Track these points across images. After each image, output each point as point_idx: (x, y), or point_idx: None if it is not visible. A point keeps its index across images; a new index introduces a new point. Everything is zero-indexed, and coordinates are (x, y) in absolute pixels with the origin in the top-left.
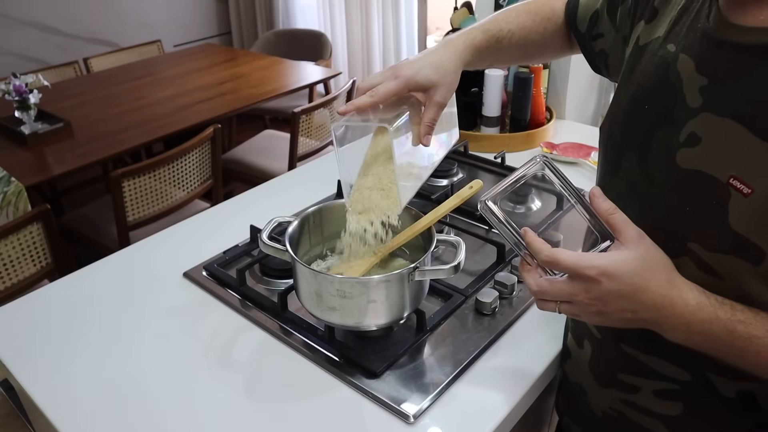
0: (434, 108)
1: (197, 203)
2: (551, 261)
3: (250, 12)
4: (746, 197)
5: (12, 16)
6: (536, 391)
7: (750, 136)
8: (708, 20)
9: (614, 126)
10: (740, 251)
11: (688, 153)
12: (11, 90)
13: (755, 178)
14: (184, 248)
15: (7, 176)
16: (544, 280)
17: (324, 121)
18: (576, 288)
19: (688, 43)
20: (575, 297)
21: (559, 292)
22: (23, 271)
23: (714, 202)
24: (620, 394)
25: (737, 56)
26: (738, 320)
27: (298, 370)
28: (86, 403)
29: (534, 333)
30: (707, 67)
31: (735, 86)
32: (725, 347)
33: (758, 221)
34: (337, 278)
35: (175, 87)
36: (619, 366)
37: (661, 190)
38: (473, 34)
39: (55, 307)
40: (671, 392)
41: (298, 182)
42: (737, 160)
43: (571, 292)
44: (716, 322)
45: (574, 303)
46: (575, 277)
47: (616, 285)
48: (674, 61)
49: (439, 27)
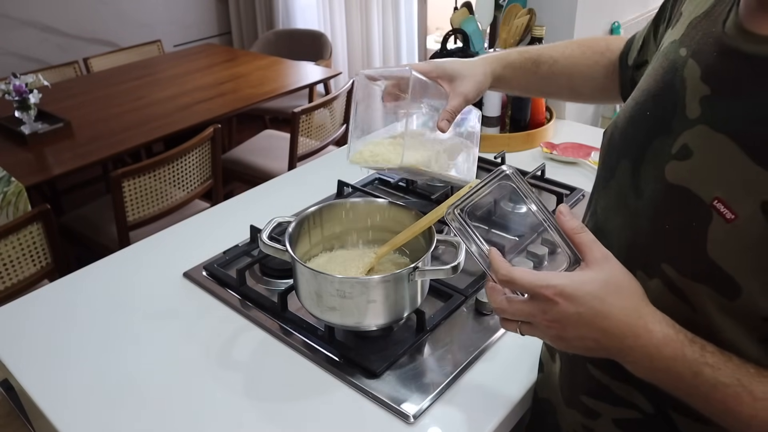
0: (458, 98)
1: (197, 203)
2: (508, 279)
3: (250, 12)
4: (728, 223)
5: (12, 16)
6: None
7: (742, 156)
8: (723, 26)
9: (615, 131)
10: (714, 282)
11: (677, 166)
12: (11, 90)
13: (741, 203)
14: (184, 248)
15: (7, 176)
16: (504, 298)
17: (324, 121)
18: (533, 308)
19: (699, 48)
20: (533, 318)
21: (516, 311)
22: (23, 271)
23: (694, 224)
24: (581, 418)
25: (744, 67)
26: (706, 363)
27: (298, 370)
28: (86, 403)
29: None
30: (712, 75)
31: (736, 100)
32: (689, 389)
33: (737, 251)
34: (337, 278)
35: (175, 87)
36: (583, 387)
37: (645, 204)
38: (508, 52)
39: (55, 307)
40: (630, 423)
41: (298, 182)
42: (724, 182)
43: (529, 312)
44: (682, 361)
45: (533, 325)
46: (533, 298)
47: (573, 307)
48: (682, 67)
49: (439, 27)
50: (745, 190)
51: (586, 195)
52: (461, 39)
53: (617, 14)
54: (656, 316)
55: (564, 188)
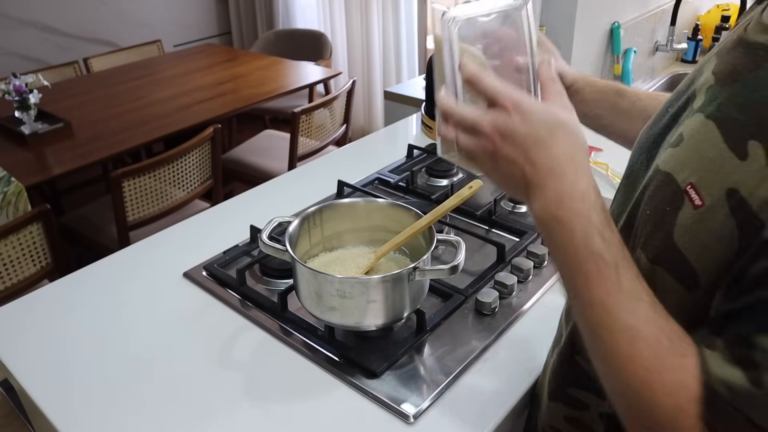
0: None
1: (197, 203)
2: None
3: (250, 12)
4: (695, 209)
5: (12, 16)
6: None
7: (721, 141)
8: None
9: (643, 131)
10: (676, 270)
11: (669, 153)
12: (11, 90)
13: (711, 191)
14: (184, 248)
15: (7, 176)
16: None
17: (324, 121)
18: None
19: (723, 47)
20: (478, 125)
21: (465, 115)
22: (23, 271)
23: (668, 209)
24: (565, 410)
25: (746, 55)
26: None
27: (298, 370)
28: (86, 403)
29: (534, 333)
30: (720, 66)
31: (730, 87)
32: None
33: (700, 240)
34: (337, 278)
35: (175, 87)
36: (570, 379)
37: (641, 191)
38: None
39: (55, 307)
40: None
41: (298, 182)
42: (701, 167)
43: (477, 119)
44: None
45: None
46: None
47: (523, 126)
48: (705, 64)
49: None
50: (715, 175)
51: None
52: None
53: (617, 14)
54: (588, 173)
55: None
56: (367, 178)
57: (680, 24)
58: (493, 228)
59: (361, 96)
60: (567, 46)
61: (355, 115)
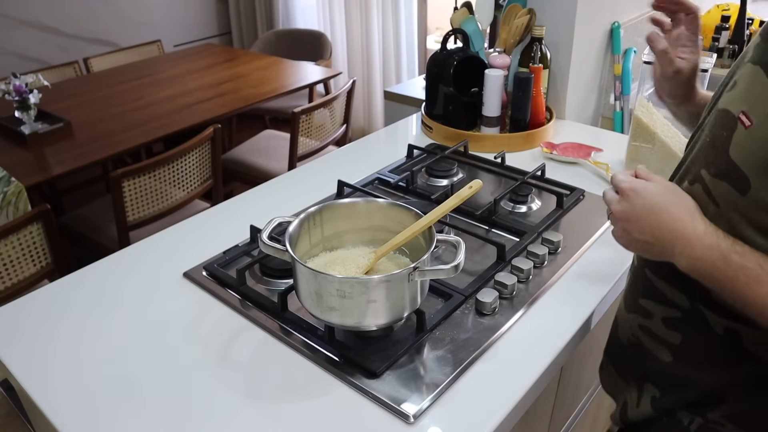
0: None
1: (197, 203)
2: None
3: (250, 12)
4: (746, 129)
5: (12, 16)
6: (536, 391)
7: (765, 78)
8: None
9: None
10: (732, 178)
11: (726, 96)
12: (11, 90)
13: (757, 114)
14: (184, 248)
15: (7, 176)
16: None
17: (324, 121)
18: (614, 198)
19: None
20: (612, 206)
21: (608, 195)
22: (23, 271)
23: (725, 134)
24: (638, 319)
25: None
26: (735, 251)
27: (298, 370)
28: (86, 403)
29: (534, 333)
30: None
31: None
32: (720, 275)
33: (750, 152)
34: (337, 278)
35: (175, 87)
36: (641, 291)
37: (702, 129)
38: None
39: (55, 307)
40: (674, 321)
41: (298, 182)
42: (750, 99)
43: (610, 198)
44: (716, 249)
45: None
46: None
47: (640, 200)
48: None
49: (439, 27)
50: (760, 103)
51: (586, 195)
52: (461, 39)
53: (617, 14)
54: (702, 217)
55: (564, 188)
56: (367, 178)
57: None
58: (493, 228)
59: (361, 96)
60: (567, 46)
61: (355, 115)
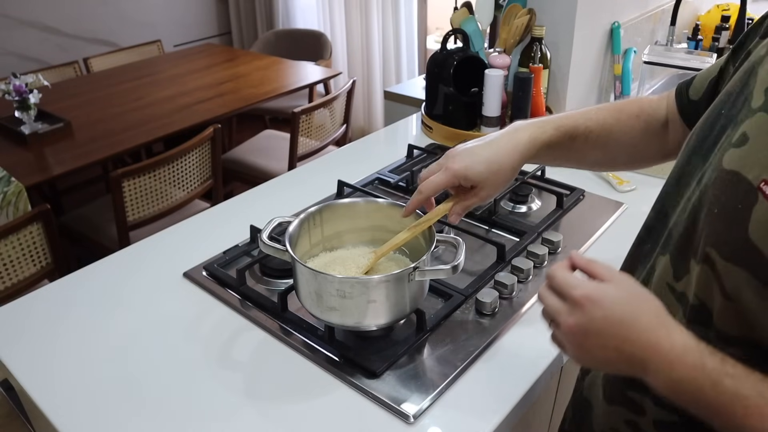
0: (475, 200)
1: (197, 203)
2: (549, 273)
3: (250, 12)
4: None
5: (12, 16)
6: (536, 391)
7: None
8: None
9: (693, 134)
10: (752, 266)
11: (734, 153)
12: (11, 90)
13: None
14: (184, 248)
15: (7, 176)
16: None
17: (324, 121)
18: (561, 307)
19: None
20: (558, 317)
21: (550, 303)
22: (23, 271)
23: (739, 206)
24: (626, 414)
25: None
26: (727, 373)
27: (298, 370)
28: (86, 403)
29: (534, 333)
30: None
31: None
32: (709, 402)
33: None
34: (337, 278)
35: (175, 87)
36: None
37: (702, 190)
38: (544, 128)
39: (55, 307)
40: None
41: (298, 182)
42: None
43: (556, 309)
44: (701, 370)
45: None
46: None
47: (600, 312)
48: (758, 64)
49: (439, 27)
50: None
51: (585, 195)
52: (461, 39)
53: (617, 14)
54: (677, 327)
55: (564, 188)
56: (367, 178)
57: (680, 24)
58: (493, 228)
59: (361, 96)
60: (567, 46)
61: (354, 115)
